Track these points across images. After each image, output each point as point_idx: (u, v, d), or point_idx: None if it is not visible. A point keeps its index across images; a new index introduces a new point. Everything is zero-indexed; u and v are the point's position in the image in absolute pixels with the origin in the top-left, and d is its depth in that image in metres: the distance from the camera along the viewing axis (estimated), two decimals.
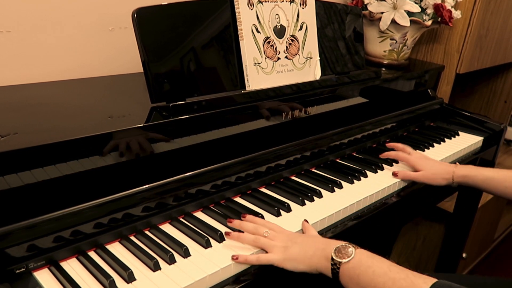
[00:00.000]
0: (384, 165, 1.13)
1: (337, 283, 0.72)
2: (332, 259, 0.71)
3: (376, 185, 1.03)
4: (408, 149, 1.14)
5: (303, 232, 0.83)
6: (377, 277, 0.67)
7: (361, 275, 0.68)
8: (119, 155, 0.77)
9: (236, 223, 0.80)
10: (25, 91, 0.93)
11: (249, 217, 0.83)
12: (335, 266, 0.71)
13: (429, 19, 1.39)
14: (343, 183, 1.01)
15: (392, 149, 1.17)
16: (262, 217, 0.85)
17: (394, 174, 1.08)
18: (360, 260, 0.69)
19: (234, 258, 0.73)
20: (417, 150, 1.19)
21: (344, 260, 0.70)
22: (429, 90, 1.55)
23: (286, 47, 1.03)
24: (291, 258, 0.74)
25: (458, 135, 1.44)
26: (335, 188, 0.99)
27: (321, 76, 1.12)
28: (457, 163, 1.10)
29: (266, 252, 0.76)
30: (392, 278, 0.66)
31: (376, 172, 1.10)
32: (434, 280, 0.64)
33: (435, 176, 1.07)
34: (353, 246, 0.72)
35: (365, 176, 1.07)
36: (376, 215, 0.98)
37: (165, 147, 0.83)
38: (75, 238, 0.70)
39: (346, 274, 0.70)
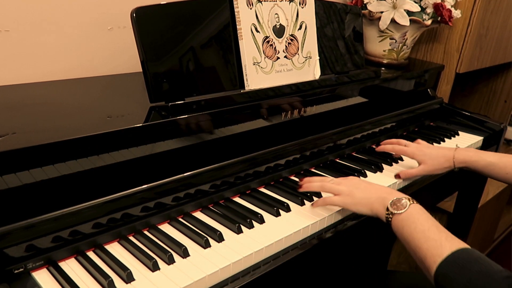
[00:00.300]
0: (383, 165, 1.13)
1: (389, 229, 0.81)
2: (388, 209, 0.80)
3: None
4: (403, 141, 1.14)
5: None
6: (416, 233, 0.75)
7: (405, 227, 0.77)
8: (117, 155, 0.76)
9: (305, 179, 0.93)
10: (24, 90, 0.92)
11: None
12: (389, 216, 0.80)
13: (428, 19, 1.39)
14: None
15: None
16: (262, 217, 0.85)
17: (397, 176, 1.07)
18: (410, 214, 0.78)
19: (313, 204, 0.87)
20: (415, 142, 1.16)
21: (397, 212, 0.79)
22: (428, 90, 1.54)
23: (286, 46, 1.03)
24: (355, 202, 0.85)
25: (458, 134, 1.44)
26: None
27: (320, 75, 1.11)
28: (457, 145, 1.09)
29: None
30: (427, 236, 0.73)
31: (375, 172, 1.10)
32: (462, 245, 0.71)
33: (435, 167, 1.07)
34: (409, 200, 0.80)
35: (365, 176, 1.07)
36: None
37: (164, 146, 0.82)
38: (74, 238, 0.70)
39: (395, 223, 0.79)
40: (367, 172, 1.08)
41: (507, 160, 1.03)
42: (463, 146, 1.33)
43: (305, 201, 0.92)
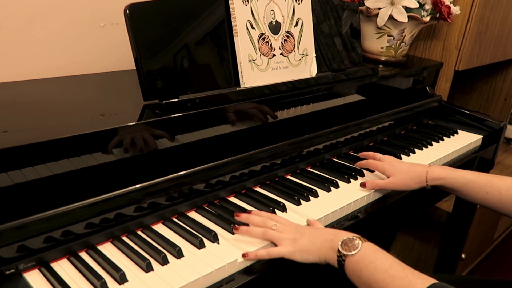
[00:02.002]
0: None
1: (343, 274, 0.73)
2: (339, 251, 0.72)
3: None
4: (378, 155, 1.06)
5: None
6: (378, 273, 0.68)
7: (364, 270, 0.69)
8: (110, 154, 0.75)
9: (243, 217, 0.81)
10: (15, 88, 0.92)
11: (255, 211, 0.84)
12: (341, 258, 0.72)
13: (427, 15, 1.37)
14: (339, 182, 1.00)
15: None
16: None
17: (362, 185, 0.99)
18: (365, 255, 0.71)
19: (244, 255, 0.74)
20: (389, 156, 1.08)
21: (349, 253, 0.71)
22: (427, 88, 1.53)
23: (282, 43, 1.02)
24: (301, 250, 0.75)
25: (457, 133, 1.43)
26: (332, 188, 0.98)
27: (317, 73, 1.10)
28: (431, 163, 1.00)
29: (275, 246, 0.76)
30: (392, 275, 0.67)
31: (373, 171, 1.09)
32: (433, 281, 0.64)
33: (405, 181, 0.98)
34: (360, 239, 0.73)
35: (362, 175, 1.06)
36: (374, 215, 0.97)
37: (158, 145, 0.82)
38: (66, 238, 0.69)
39: (350, 266, 0.71)
40: (365, 171, 1.07)
41: (487, 179, 0.95)
42: (462, 145, 1.32)
43: (301, 201, 0.92)
